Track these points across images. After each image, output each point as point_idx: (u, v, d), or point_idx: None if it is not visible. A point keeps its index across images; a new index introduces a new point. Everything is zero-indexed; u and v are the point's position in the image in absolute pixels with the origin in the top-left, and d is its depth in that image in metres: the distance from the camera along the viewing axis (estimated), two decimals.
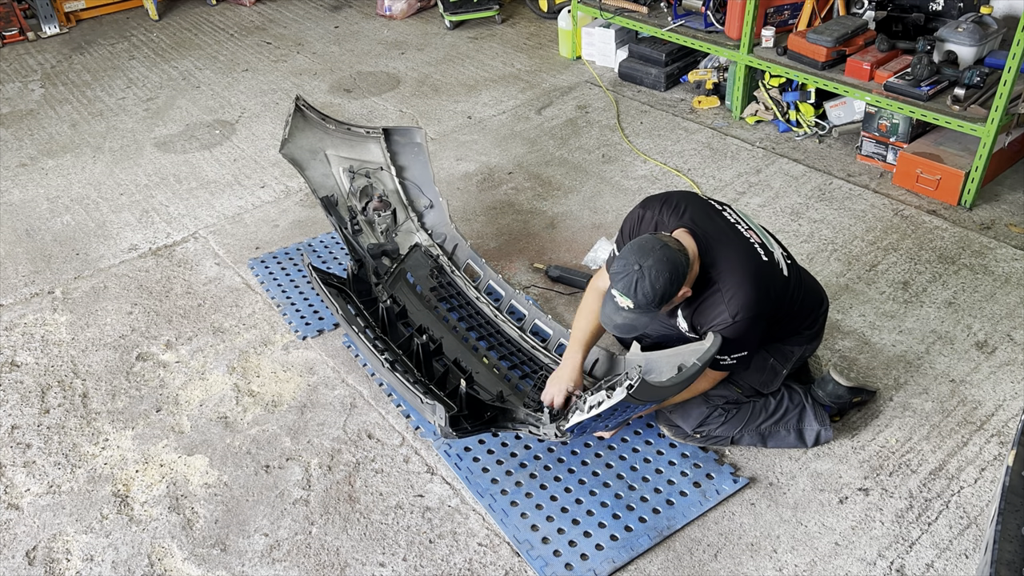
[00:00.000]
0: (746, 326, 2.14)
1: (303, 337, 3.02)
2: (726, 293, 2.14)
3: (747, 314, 2.12)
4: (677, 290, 2.08)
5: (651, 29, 4.62)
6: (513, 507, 2.34)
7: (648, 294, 2.03)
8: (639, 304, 2.05)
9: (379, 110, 4.79)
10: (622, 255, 2.10)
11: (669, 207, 2.28)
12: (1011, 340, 2.82)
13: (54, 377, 2.93)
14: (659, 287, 2.03)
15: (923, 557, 2.16)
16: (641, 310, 2.07)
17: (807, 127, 4.14)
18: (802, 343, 2.44)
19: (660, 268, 2.03)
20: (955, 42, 3.63)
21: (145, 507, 2.43)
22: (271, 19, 6.35)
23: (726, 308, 2.13)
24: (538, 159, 4.14)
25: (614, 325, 2.15)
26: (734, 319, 2.12)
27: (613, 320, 2.14)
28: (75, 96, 5.16)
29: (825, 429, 2.44)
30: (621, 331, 2.18)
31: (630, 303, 2.06)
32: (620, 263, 2.08)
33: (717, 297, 2.15)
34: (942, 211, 3.51)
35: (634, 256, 2.06)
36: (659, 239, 2.09)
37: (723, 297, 2.14)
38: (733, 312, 2.12)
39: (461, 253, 3.19)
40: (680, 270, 2.06)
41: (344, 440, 2.61)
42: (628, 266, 2.05)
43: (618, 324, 2.14)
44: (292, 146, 3.30)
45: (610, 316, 2.14)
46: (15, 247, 3.68)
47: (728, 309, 2.13)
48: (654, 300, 2.04)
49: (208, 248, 3.60)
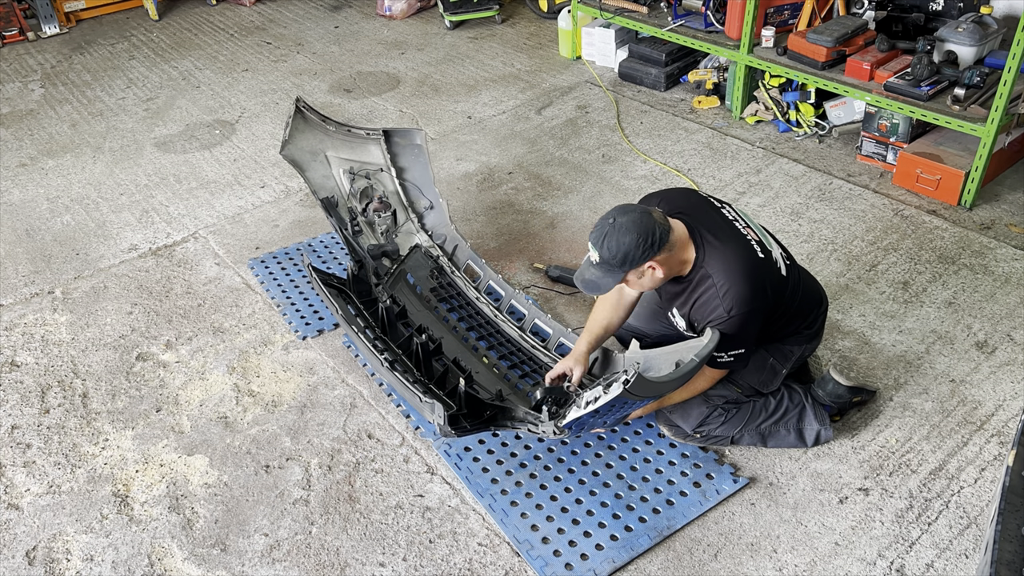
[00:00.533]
0: (742, 322, 2.14)
1: (303, 337, 3.02)
2: (720, 288, 2.14)
3: (742, 309, 2.13)
4: (643, 255, 2.08)
5: (651, 29, 4.62)
6: (513, 507, 2.34)
7: (612, 248, 2.07)
8: (603, 258, 2.10)
9: (379, 110, 4.79)
10: (607, 212, 2.14)
11: (666, 202, 2.29)
12: (1011, 340, 2.82)
13: (54, 377, 2.93)
14: (624, 244, 2.06)
15: (923, 557, 2.16)
16: (606, 266, 2.11)
17: (807, 127, 4.14)
18: (801, 343, 2.44)
19: (630, 227, 2.06)
20: (955, 42, 3.63)
21: (145, 507, 2.43)
22: (271, 19, 6.35)
23: (721, 303, 2.14)
24: (538, 159, 4.14)
25: (582, 280, 2.19)
26: (729, 314, 2.13)
27: (583, 275, 2.18)
28: (75, 96, 5.16)
29: (825, 429, 2.44)
30: (587, 287, 2.19)
31: (596, 256, 2.11)
32: (601, 217, 2.13)
33: (712, 293, 2.16)
34: (942, 211, 3.51)
35: (614, 212, 2.12)
36: (646, 208, 2.13)
37: (718, 292, 2.14)
38: (728, 307, 2.13)
39: (461, 254, 3.19)
40: (650, 237, 2.07)
41: (344, 440, 2.61)
42: (604, 220, 2.11)
43: (585, 280, 2.18)
44: (292, 147, 3.30)
45: (582, 271, 2.19)
46: (15, 247, 3.68)
47: (723, 304, 2.13)
48: (616, 256, 2.07)
49: (208, 248, 3.60)
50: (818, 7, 4.13)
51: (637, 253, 2.07)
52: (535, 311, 2.89)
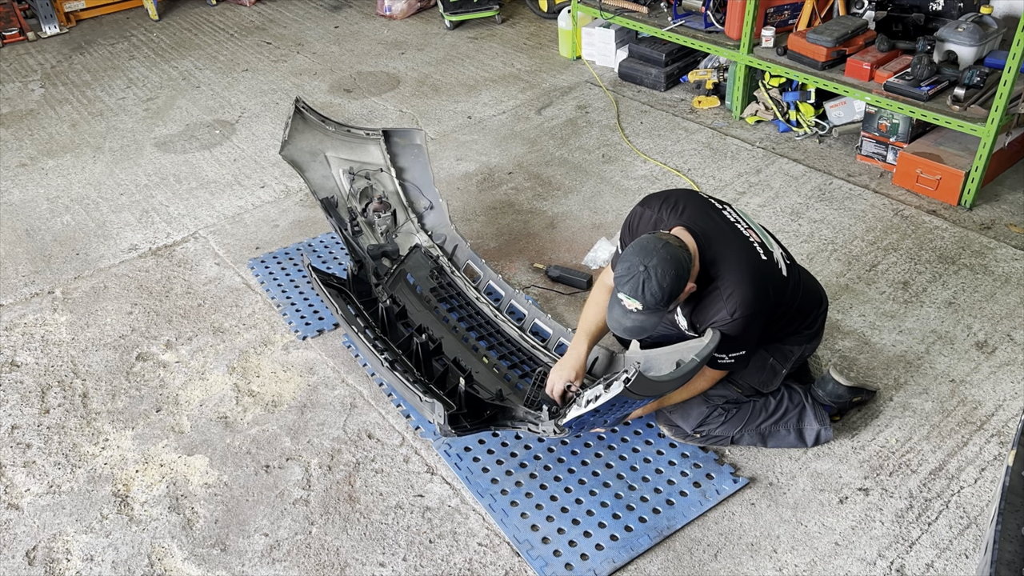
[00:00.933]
0: (744, 324, 2.14)
1: (303, 337, 3.02)
2: (724, 291, 2.14)
3: (745, 312, 2.12)
4: (683, 286, 2.08)
5: (651, 29, 4.62)
6: (513, 507, 2.34)
7: (656, 294, 2.03)
8: (648, 305, 2.05)
9: (379, 110, 4.79)
10: (624, 257, 2.09)
11: (668, 205, 2.28)
12: (1011, 340, 2.82)
13: (54, 377, 2.93)
14: (666, 285, 2.03)
15: (923, 557, 2.16)
16: (650, 311, 2.07)
17: (807, 127, 4.14)
18: (801, 343, 2.44)
19: (665, 267, 2.03)
20: (955, 42, 3.63)
21: (145, 507, 2.43)
22: (271, 19, 6.35)
23: (724, 306, 2.13)
24: (538, 159, 4.14)
25: (624, 328, 2.13)
26: (732, 317, 2.13)
27: (622, 324, 2.12)
28: (75, 96, 5.16)
29: (825, 429, 2.44)
30: (631, 333, 2.16)
31: (639, 305, 2.06)
32: (624, 266, 2.08)
33: (716, 295, 2.16)
34: (942, 211, 3.51)
35: (638, 257, 2.05)
36: (660, 238, 2.09)
37: (721, 295, 2.14)
38: (731, 310, 2.12)
39: (461, 254, 3.19)
40: (684, 266, 2.06)
41: (344, 440, 2.61)
42: (633, 268, 2.05)
43: (627, 327, 2.12)
44: (292, 148, 3.30)
45: (619, 320, 2.12)
46: (15, 247, 3.68)
47: (726, 307, 2.13)
48: (663, 299, 2.04)
49: (208, 248, 3.60)
50: (818, 7, 4.13)
51: (679, 287, 2.05)
52: (535, 311, 2.89)
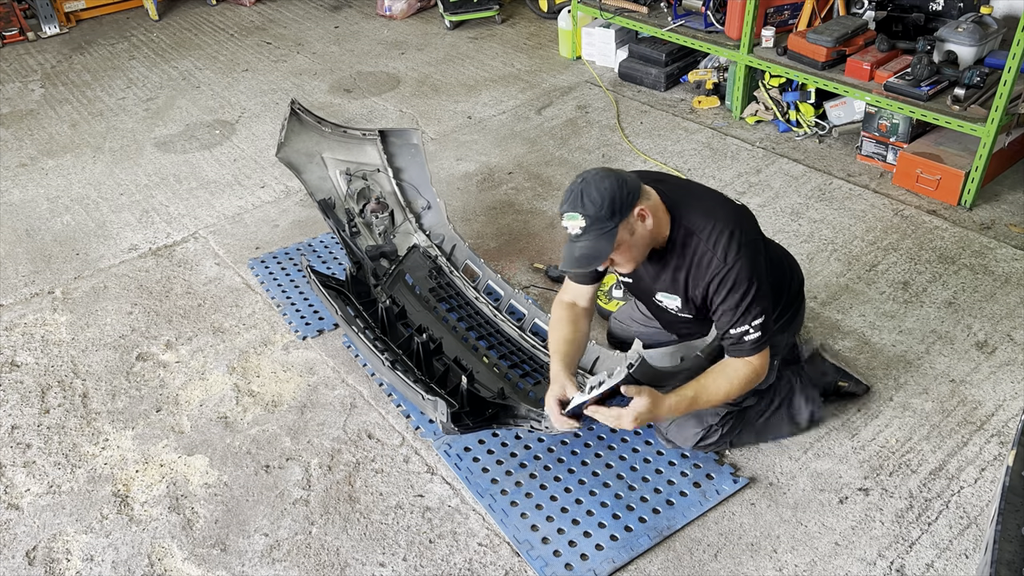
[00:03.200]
0: (747, 263, 1.99)
1: (303, 337, 3.02)
2: (709, 239, 2.01)
3: (739, 247, 1.99)
4: (629, 197, 1.94)
5: (651, 29, 4.62)
6: (513, 507, 2.34)
7: (595, 200, 1.91)
8: (589, 215, 1.92)
9: (379, 110, 4.79)
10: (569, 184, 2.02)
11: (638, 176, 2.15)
12: (1011, 340, 2.82)
13: (54, 377, 2.93)
14: (605, 189, 1.91)
15: (923, 557, 2.16)
16: (595, 226, 1.93)
17: (807, 127, 4.14)
18: (783, 329, 2.35)
19: (602, 175, 1.94)
20: (955, 42, 3.63)
21: (145, 507, 2.43)
22: (271, 19, 6.35)
23: (714, 253, 2.01)
24: (538, 159, 4.14)
25: (574, 259, 1.98)
26: (727, 261, 1.99)
27: (572, 254, 1.98)
28: (75, 96, 5.16)
29: (817, 408, 2.43)
30: (581, 263, 1.99)
31: (580, 221, 1.93)
32: (566, 189, 1.99)
33: (702, 248, 2.03)
34: (942, 211, 3.51)
35: (577, 177, 1.99)
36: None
37: (708, 244, 2.02)
38: (723, 253, 1.99)
39: (459, 253, 3.19)
40: (625, 181, 1.94)
41: (344, 440, 2.61)
42: (572, 185, 1.97)
43: (577, 257, 1.97)
44: (288, 150, 3.30)
45: (568, 253, 1.99)
46: (15, 247, 3.68)
47: (717, 254, 2.00)
48: (603, 206, 1.91)
49: (208, 248, 3.60)
50: (818, 7, 4.13)
51: (622, 194, 1.92)
52: (535, 311, 2.89)
